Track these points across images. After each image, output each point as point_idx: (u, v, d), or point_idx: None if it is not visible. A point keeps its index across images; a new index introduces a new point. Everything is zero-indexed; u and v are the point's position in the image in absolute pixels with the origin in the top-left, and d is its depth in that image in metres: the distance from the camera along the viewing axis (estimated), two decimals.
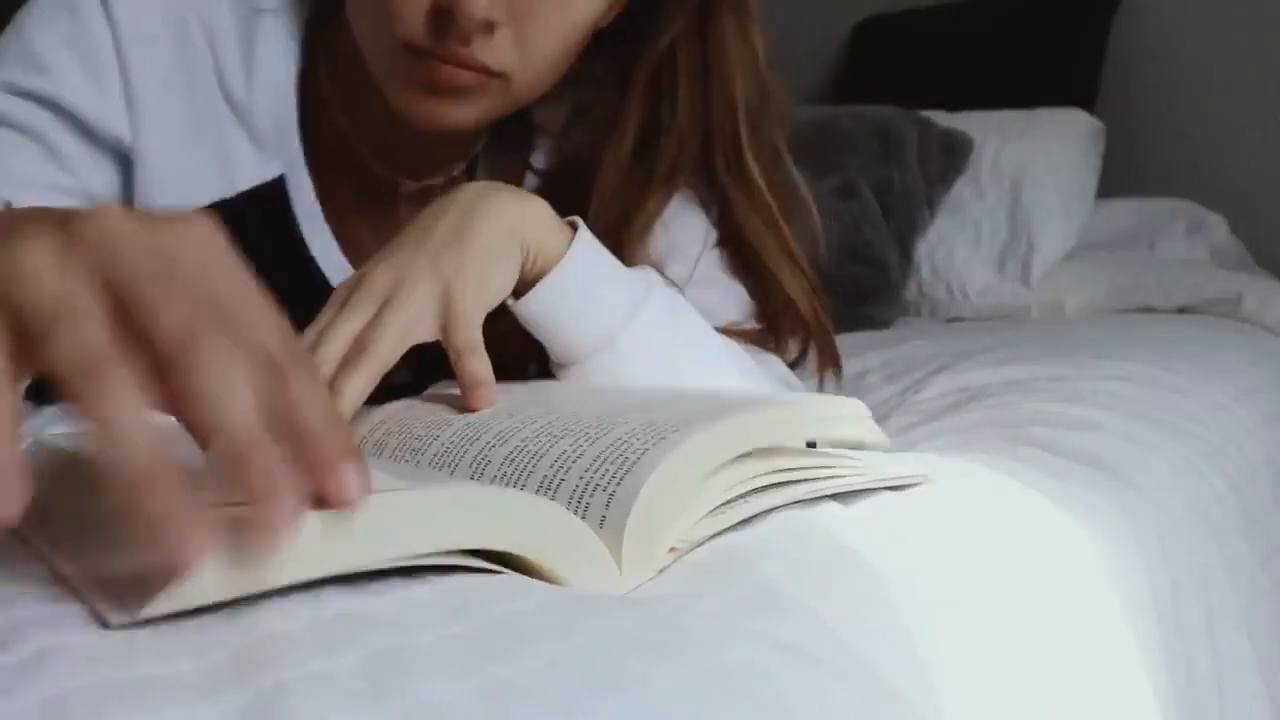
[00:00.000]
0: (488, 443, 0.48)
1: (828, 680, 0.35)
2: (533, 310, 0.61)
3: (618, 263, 0.65)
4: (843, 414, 0.51)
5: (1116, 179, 1.73)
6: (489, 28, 0.62)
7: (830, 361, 0.79)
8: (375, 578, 0.37)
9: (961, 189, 1.63)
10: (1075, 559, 0.57)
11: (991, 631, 0.46)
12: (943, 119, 1.68)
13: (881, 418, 0.98)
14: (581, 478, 0.42)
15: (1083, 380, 0.97)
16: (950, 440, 0.83)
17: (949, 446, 0.79)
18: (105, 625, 0.32)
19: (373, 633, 0.33)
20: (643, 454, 0.42)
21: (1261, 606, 0.80)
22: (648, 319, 0.63)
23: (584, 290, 0.61)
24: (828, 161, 1.58)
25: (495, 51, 0.63)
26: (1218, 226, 1.69)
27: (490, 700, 0.30)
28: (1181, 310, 1.46)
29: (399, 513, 0.36)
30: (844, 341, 1.33)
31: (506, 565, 0.39)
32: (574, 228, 0.63)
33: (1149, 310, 1.47)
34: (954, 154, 1.63)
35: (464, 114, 0.66)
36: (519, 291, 0.61)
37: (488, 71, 0.64)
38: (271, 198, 0.74)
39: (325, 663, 0.31)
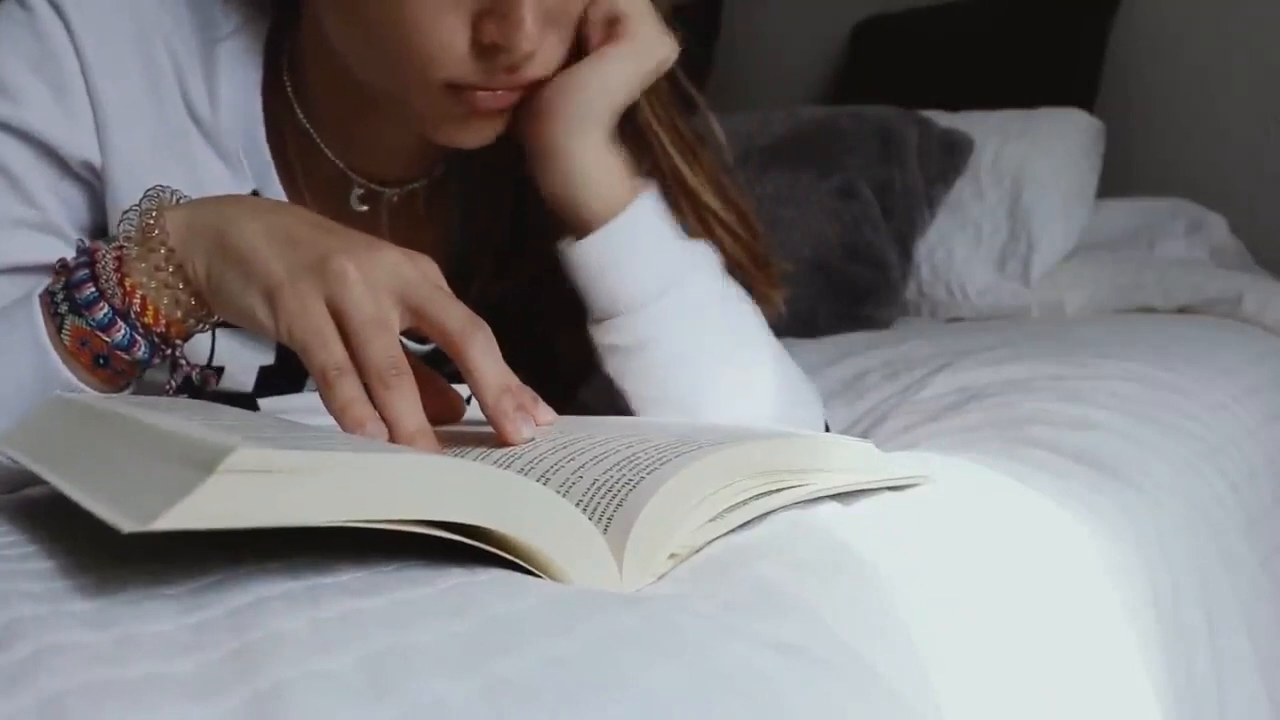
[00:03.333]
0: (498, 462, 0.48)
1: (827, 680, 0.35)
2: (580, 255, 0.65)
3: (678, 233, 0.68)
4: (854, 464, 0.51)
5: (1116, 179, 1.73)
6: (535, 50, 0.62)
7: (772, 310, 0.76)
8: (373, 578, 0.37)
9: (961, 189, 1.62)
10: (1075, 559, 0.57)
11: (991, 631, 0.46)
12: (943, 119, 1.67)
13: (881, 418, 0.98)
14: (595, 481, 0.43)
15: (1083, 380, 0.97)
16: (950, 440, 0.83)
17: (949, 446, 0.79)
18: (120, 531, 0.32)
19: (373, 632, 0.33)
20: (656, 467, 0.43)
21: (1261, 606, 0.80)
22: (692, 289, 0.66)
23: (633, 247, 0.65)
24: (828, 161, 1.58)
25: (537, 66, 0.63)
26: (1218, 226, 1.68)
27: (490, 699, 0.30)
28: (1181, 310, 1.45)
29: (409, 477, 0.36)
30: (844, 341, 1.34)
31: (509, 557, 0.39)
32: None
33: (1149, 310, 1.47)
34: (954, 154, 1.63)
35: (501, 124, 0.66)
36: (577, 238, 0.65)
37: (531, 85, 0.64)
38: None
39: (325, 662, 0.31)
